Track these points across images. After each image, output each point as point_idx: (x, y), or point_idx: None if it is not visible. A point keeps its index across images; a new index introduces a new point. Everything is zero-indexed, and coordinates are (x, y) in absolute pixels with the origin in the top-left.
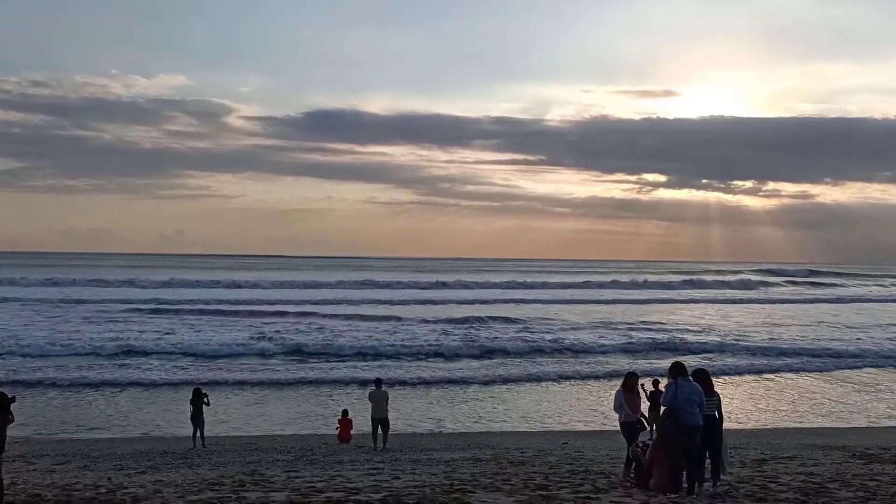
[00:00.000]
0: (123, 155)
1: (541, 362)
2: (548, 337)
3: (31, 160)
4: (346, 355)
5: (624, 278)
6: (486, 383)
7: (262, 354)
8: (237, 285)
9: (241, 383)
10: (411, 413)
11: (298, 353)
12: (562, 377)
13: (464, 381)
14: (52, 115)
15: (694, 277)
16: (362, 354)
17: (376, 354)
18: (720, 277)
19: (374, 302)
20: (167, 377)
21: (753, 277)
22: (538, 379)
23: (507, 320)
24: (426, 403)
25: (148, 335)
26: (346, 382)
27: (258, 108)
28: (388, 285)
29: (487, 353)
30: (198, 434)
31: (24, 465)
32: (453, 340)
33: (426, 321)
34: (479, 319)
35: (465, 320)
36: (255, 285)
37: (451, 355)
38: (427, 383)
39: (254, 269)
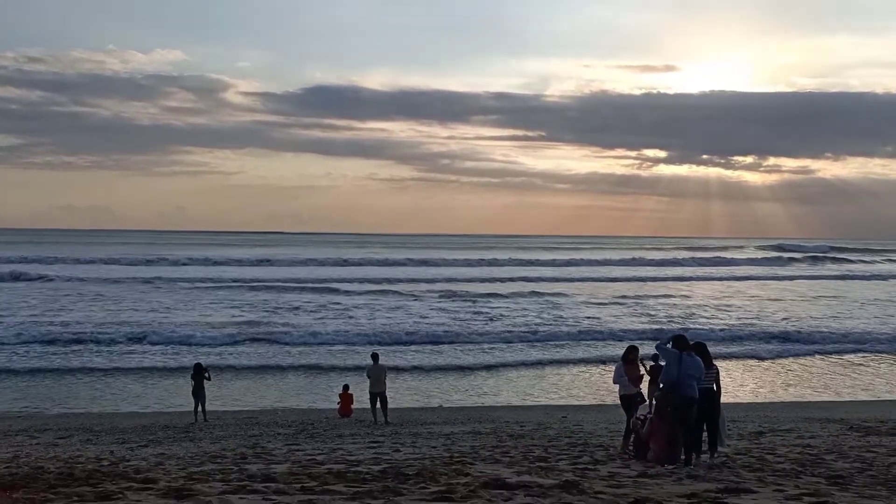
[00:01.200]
0: (121, 131)
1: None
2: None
3: (30, 136)
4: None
5: (651, 255)
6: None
7: None
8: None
9: None
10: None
11: None
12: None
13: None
14: (50, 91)
15: (725, 255)
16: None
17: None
18: (745, 255)
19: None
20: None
21: (772, 254)
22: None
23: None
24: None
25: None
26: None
27: (256, 83)
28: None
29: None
30: (199, 408)
31: (26, 439)
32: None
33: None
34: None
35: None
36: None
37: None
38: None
39: (323, 245)
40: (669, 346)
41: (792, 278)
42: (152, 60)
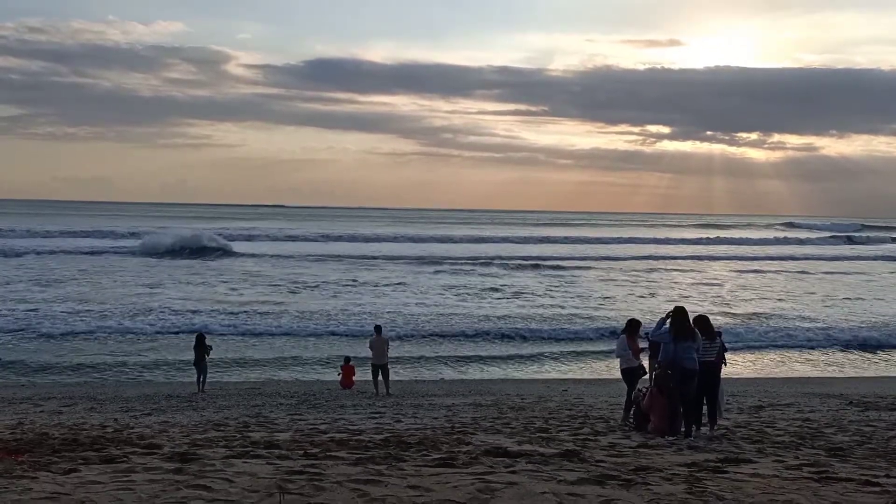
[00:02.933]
0: (123, 102)
1: None
2: None
3: (31, 107)
4: None
5: (683, 234)
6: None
7: None
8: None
9: None
10: None
11: None
12: None
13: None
14: (50, 61)
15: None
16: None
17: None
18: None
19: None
20: None
21: (824, 233)
22: None
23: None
24: None
25: None
26: None
27: (258, 56)
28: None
29: None
30: (201, 379)
31: (30, 406)
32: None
33: None
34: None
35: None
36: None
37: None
38: None
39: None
40: (666, 326)
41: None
42: (153, 31)
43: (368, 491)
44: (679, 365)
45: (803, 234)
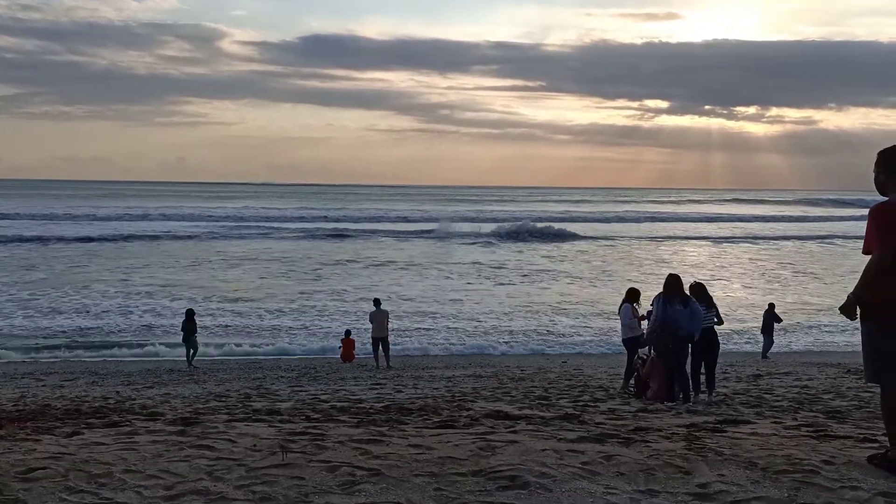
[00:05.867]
0: (119, 81)
1: None
2: None
3: (27, 86)
4: None
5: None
6: None
7: None
8: None
9: None
10: None
11: None
12: None
13: None
14: (45, 39)
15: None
16: None
17: None
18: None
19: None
20: None
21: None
22: None
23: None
24: None
25: None
26: None
27: (253, 32)
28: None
29: None
30: (190, 353)
31: (32, 381)
32: None
33: None
34: None
35: None
36: None
37: None
38: None
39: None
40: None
41: None
42: (146, 8)
43: (370, 449)
44: (671, 329)
45: (823, 210)
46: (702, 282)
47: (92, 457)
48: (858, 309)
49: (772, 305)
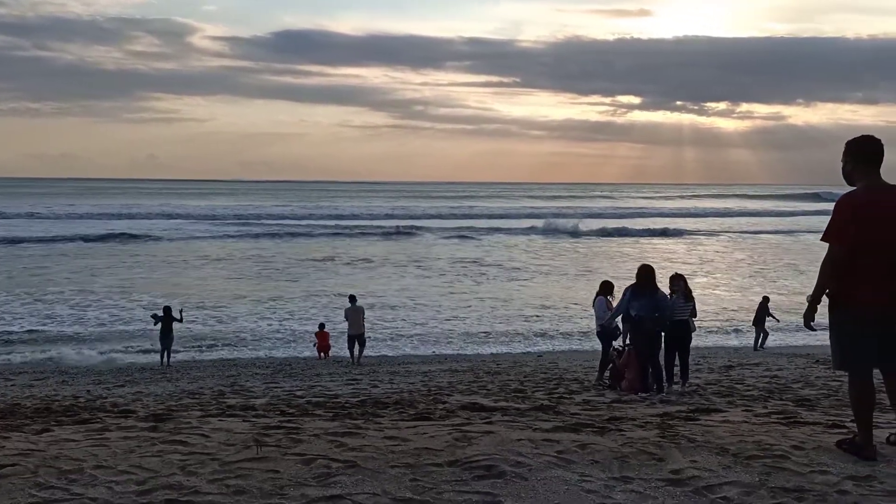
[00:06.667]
0: (87, 76)
1: None
2: None
3: None
4: None
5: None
6: None
7: None
8: None
9: None
10: None
11: None
12: None
13: None
14: (11, 35)
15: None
16: None
17: None
18: None
19: None
20: None
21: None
22: None
23: None
24: None
25: None
26: None
27: (224, 28)
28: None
29: None
30: (165, 353)
31: (1, 381)
32: None
33: None
34: None
35: None
36: None
37: None
38: None
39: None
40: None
41: None
42: (115, 2)
43: (346, 442)
44: (641, 322)
45: (794, 205)
46: (681, 273)
47: (62, 453)
48: (827, 300)
49: (766, 299)
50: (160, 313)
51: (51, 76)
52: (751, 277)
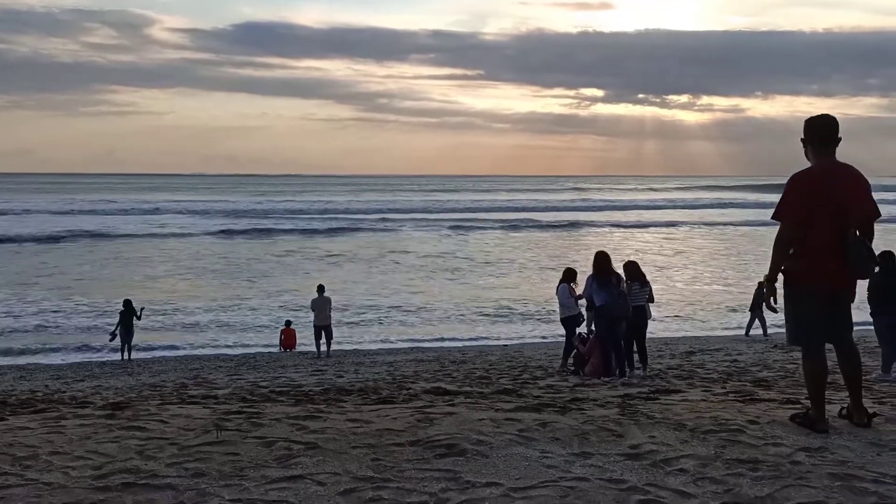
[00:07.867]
0: (41, 69)
1: None
2: None
3: None
4: None
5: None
6: None
7: None
8: None
9: None
10: None
11: None
12: None
13: None
14: None
15: None
16: None
17: None
18: None
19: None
20: None
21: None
22: None
23: None
24: None
25: None
26: None
27: (183, 19)
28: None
29: None
30: (125, 347)
31: None
32: None
33: None
34: None
35: None
36: None
37: None
38: None
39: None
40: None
41: None
42: None
43: (307, 425)
44: (607, 309)
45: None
46: (635, 260)
47: (16, 440)
48: (781, 277)
49: (761, 284)
50: (120, 315)
51: (3, 69)
52: (720, 268)
